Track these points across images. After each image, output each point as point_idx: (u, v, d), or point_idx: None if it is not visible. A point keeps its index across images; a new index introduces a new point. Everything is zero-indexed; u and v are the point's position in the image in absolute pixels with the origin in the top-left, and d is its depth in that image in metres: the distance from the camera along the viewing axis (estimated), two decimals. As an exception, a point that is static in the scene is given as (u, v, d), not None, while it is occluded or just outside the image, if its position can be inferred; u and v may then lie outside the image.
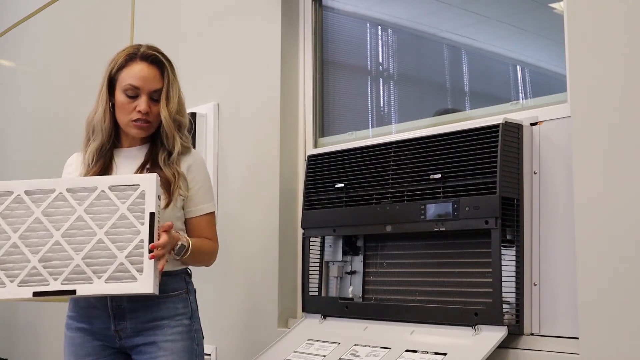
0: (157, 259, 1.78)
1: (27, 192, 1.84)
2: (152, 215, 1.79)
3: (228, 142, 2.79)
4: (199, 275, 2.14)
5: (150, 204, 1.80)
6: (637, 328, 1.54)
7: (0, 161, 4.46)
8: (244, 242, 2.65)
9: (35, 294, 1.78)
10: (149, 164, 1.99)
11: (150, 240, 1.78)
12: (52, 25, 4.09)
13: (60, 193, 1.83)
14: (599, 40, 1.66)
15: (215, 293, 2.68)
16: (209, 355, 2.66)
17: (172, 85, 1.99)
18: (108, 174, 1.98)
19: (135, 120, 1.96)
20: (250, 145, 2.70)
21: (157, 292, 1.79)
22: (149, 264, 1.78)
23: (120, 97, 1.97)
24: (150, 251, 1.78)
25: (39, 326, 3.84)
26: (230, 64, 2.82)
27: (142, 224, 1.80)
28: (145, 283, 1.77)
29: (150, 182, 1.82)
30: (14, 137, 4.36)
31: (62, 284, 1.78)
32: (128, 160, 2.02)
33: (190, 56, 2.96)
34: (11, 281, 1.79)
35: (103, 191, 1.82)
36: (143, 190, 1.81)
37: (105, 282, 1.78)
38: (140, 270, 1.77)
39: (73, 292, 1.78)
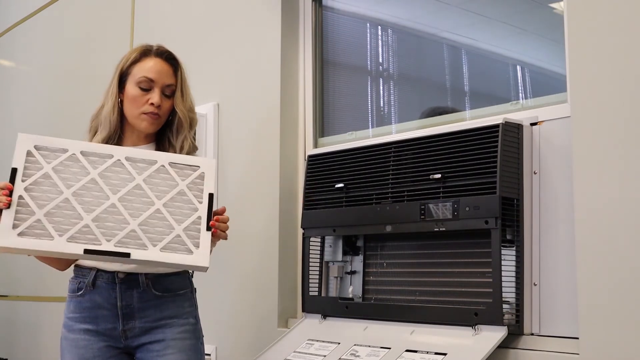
0: (216, 236, 1.84)
1: (83, 153, 1.82)
2: (211, 196, 1.85)
3: (228, 142, 2.79)
4: (199, 275, 2.13)
5: (209, 186, 1.86)
6: (637, 328, 1.54)
7: (0, 161, 4.46)
8: (244, 242, 2.65)
9: (87, 251, 1.74)
10: None
11: (209, 219, 1.83)
12: (52, 25, 4.09)
13: (119, 160, 1.84)
14: (599, 40, 1.66)
15: (216, 293, 2.68)
16: (209, 355, 2.66)
17: (185, 83, 2.03)
18: None
19: (146, 113, 1.97)
20: (250, 145, 2.70)
21: (207, 267, 1.81)
22: (205, 240, 1.81)
23: (132, 90, 1.97)
24: (208, 228, 1.81)
25: (39, 326, 3.84)
26: (230, 64, 2.82)
27: (200, 202, 1.84)
28: (201, 257, 1.79)
29: (210, 165, 1.88)
30: (14, 137, 4.35)
31: (115, 245, 1.75)
32: None
33: (190, 56, 2.95)
34: (59, 235, 1.74)
35: (163, 166, 1.85)
36: (203, 172, 1.86)
37: (161, 251, 1.78)
38: (196, 245, 1.80)
39: (127, 255, 1.75)
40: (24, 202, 1.75)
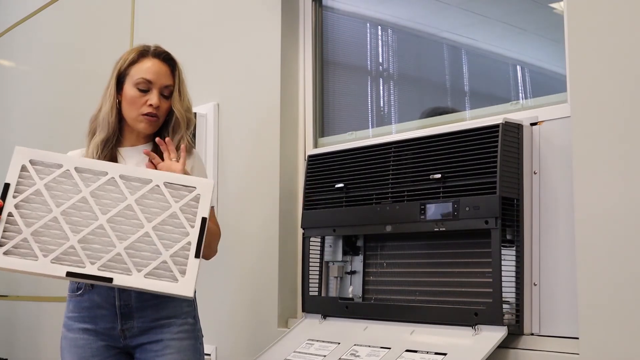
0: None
1: (77, 169, 1.81)
2: (204, 220, 1.79)
3: (228, 142, 2.79)
4: (199, 275, 2.13)
5: (204, 209, 1.80)
6: (637, 328, 1.54)
7: (0, 161, 4.46)
8: (244, 243, 2.65)
9: (69, 274, 1.72)
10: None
11: (199, 245, 1.77)
12: (52, 25, 4.09)
13: (113, 178, 1.80)
14: (599, 40, 1.66)
15: (216, 293, 2.68)
16: (209, 355, 2.66)
17: (182, 83, 2.03)
18: None
19: (144, 114, 1.97)
20: (250, 145, 2.70)
21: (192, 297, 1.78)
22: (192, 267, 1.76)
23: (130, 91, 1.98)
24: (197, 255, 1.76)
25: (39, 326, 3.84)
26: (230, 64, 2.82)
27: (192, 227, 1.78)
28: (186, 286, 1.74)
29: (207, 187, 1.82)
30: (14, 137, 4.36)
31: (98, 269, 1.73)
32: (134, 159, 2.02)
33: (190, 56, 2.95)
34: (44, 256, 1.73)
35: (157, 186, 1.80)
36: (198, 194, 1.80)
37: (145, 277, 1.74)
38: (182, 273, 1.75)
39: (109, 280, 1.73)
40: (12, 220, 1.75)
